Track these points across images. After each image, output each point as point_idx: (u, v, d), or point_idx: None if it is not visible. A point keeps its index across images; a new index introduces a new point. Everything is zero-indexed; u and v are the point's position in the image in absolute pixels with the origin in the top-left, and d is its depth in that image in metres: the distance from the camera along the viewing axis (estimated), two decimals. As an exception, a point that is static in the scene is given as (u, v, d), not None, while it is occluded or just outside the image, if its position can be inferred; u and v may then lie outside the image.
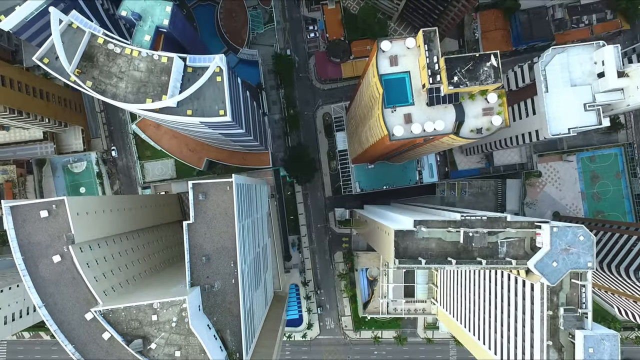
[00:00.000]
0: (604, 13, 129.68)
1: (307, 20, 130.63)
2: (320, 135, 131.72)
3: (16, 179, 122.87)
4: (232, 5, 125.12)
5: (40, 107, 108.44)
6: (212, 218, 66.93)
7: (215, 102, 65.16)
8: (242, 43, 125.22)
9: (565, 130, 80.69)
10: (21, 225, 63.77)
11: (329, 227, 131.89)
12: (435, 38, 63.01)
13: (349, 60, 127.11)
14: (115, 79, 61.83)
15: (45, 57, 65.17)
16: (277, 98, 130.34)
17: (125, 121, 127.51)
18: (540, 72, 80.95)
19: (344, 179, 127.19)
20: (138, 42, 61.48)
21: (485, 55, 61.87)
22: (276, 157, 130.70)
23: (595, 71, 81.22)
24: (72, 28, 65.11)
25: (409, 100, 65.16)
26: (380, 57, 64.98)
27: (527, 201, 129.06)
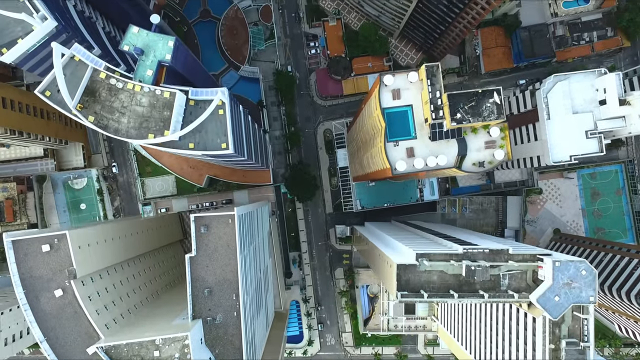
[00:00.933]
0: (605, 30, 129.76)
1: (308, 36, 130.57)
2: (321, 152, 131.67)
3: (16, 196, 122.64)
4: (233, 23, 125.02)
5: (41, 127, 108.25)
6: (214, 251, 66.86)
7: (217, 135, 65.05)
8: (243, 60, 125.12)
9: (567, 158, 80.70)
10: (23, 259, 63.68)
11: (330, 244, 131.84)
12: (437, 72, 62.96)
13: (350, 77, 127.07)
14: (118, 114, 61.70)
15: (47, 90, 65.00)
16: (278, 114, 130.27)
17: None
18: (542, 100, 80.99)
19: (345, 196, 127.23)
20: (140, 77, 61.31)
21: (488, 91, 61.84)
22: (277, 174, 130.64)
23: (596, 98, 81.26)
24: (74, 61, 64.94)
25: (411, 133, 65.13)
26: (383, 90, 64.92)
27: (527, 218, 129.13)
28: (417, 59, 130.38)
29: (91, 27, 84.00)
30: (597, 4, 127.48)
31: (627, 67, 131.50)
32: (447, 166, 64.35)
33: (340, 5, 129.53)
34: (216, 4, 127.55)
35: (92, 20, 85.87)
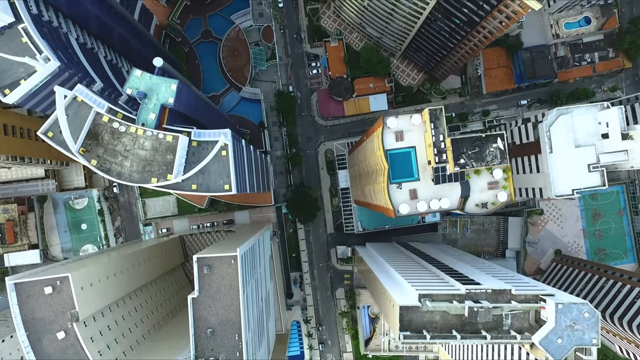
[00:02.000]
0: (606, 51, 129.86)
1: (309, 56, 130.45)
2: (322, 172, 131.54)
3: (17, 217, 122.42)
4: (234, 44, 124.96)
5: (42, 151, 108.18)
6: (217, 291, 66.79)
7: (220, 177, 64.96)
8: (244, 81, 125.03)
9: (569, 192, 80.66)
10: (25, 302, 63.57)
11: (331, 265, 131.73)
12: (441, 115, 62.90)
13: (351, 97, 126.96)
14: (120, 158, 61.62)
15: (50, 131, 65.05)
16: (279, 135, 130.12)
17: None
18: (544, 133, 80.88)
19: (346, 216, 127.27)
20: (143, 120, 61.21)
21: (492, 136, 61.78)
22: (278, 194, 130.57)
23: (599, 131, 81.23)
24: (76, 101, 64.94)
25: (414, 175, 65.09)
26: (386, 132, 64.85)
27: (529, 239, 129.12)
28: (418, 79, 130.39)
29: (93, 58, 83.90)
30: (598, 25, 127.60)
31: (628, 87, 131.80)
32: (450, 208, 64.29)
33: (342, 26, 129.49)
34: (217, 25, 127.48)
35: (94, 50, 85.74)
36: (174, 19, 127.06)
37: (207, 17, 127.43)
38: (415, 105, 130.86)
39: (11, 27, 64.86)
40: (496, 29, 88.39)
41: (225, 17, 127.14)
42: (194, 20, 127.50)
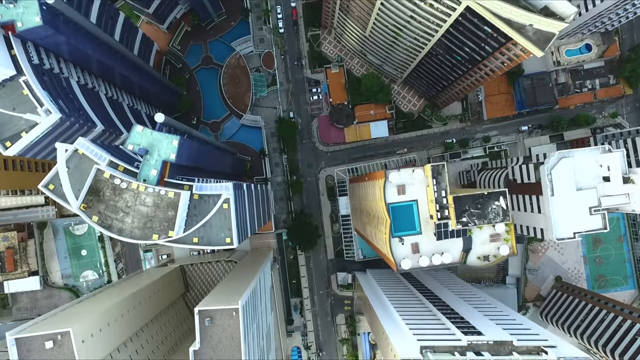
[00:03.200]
0: (607, 78, 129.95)
1: (310, 81, 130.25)
2: (323, 197, 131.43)
3: (17, 244, 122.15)
4: (235, 71, 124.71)
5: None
6: (218, 343, 66.65)
7: (221, 230, 64.85)
8: (245, 109, 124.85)
9: (571, 235, 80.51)
10: (25, 356, 63.36)
11: (332, 292, 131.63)
12: (443, 171, 62.77)
13: (352, 124, 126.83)
14: (122, 214, 61.46)
15: (51, 184, 64.86)
16: (280, 160, 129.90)
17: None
18: (546, 176, 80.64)
19: (346, 243, 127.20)
20: (145, 176, 61.03)
21: (494, 194, 61.68)
22: (278, 219, 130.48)
23: (600, 174, 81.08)
24: (77, 154, 64.81)
25: (416, 228, 65.01)
26: (388, 186, 64.74)
27: (529, 267, 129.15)
28: (419, 105, 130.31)
29: (94, 98, 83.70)
30: (599, 52, 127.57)
31: (629, 113, 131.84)
32: (452, 262, 64.27)
33: (343, 52, 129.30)
34: (218, 51, 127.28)
35: (94, 89, 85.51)
36: (175, 45, 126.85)
37: (207, 43, 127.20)
38: (416, 131, 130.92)
39: (12, 80, 64.61)
40: (498, 67, 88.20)
41: (225, 44, 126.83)
42: (194, 47, 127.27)
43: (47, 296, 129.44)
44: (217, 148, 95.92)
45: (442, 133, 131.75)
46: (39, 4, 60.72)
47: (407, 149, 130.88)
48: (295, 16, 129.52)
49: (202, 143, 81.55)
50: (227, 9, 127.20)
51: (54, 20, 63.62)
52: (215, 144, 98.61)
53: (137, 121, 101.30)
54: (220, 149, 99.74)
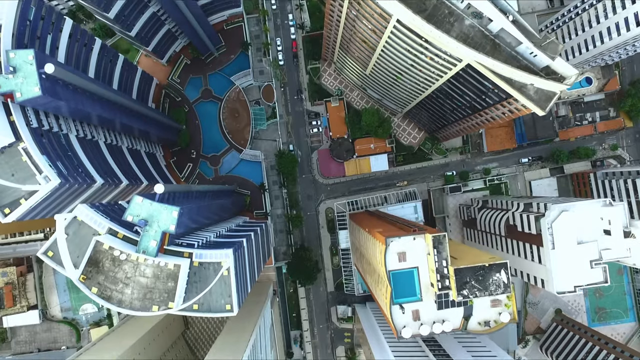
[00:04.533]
0: (607, 110, 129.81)
1: (310, 114, 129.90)
2: (323, 230, 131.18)
3: (16, 279, 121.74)
4: (234, 105, 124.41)
5: (42, 222, 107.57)
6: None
7: (221, 297, 64.61)
8: (244, 143, 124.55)
9: (571, 289, 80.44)
10: None
11: (332, 326, 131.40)
12: (444, 240, 62.51)
13: (352, 158, 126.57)
14: (121, 285, 61.18)
15: (50, 250, 64.61)
16: (280, 193, 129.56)
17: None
18: (546, 229, 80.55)
19: (346, 276, 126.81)
20: (144, 248, 60.67)
21: (495, 265, 61.47)
22: (278, 252, 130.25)
23: (601, 227, 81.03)
24: (77, 220, 64.56)
25: (416, 295, 64.77)
26: (389, 253, 64.51)
27: (529, 300, 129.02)
28: (419, 138, 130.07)
29: (93, 149, 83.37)
30: (599, 86, 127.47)
31: (629, 145, 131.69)
32: (453, 330, 64.08)
33: (343, 84, 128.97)
34: (218, 84, 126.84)
35: (94, 139, 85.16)
36: (174, 78, 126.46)
37: (207, 76, 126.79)
38: (416, 164, 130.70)
39: (11, 146, 64.26)
40: (499, 117, 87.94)
41: (225, 77, 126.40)
42: (194, 79, 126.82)
43: (46, 329, 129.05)
44: (217, 196, 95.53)
45: (442, 165, 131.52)
46: (38, 74, 60.32)
47: (407, 182, 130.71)
48: (295, 48, 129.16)
49: (202, 200, 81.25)
50: (227, 42, 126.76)
51: (53, 88, 63.26)
52: (215, 190, 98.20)
53: (137, 163, 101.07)
54: (220, 194, 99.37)
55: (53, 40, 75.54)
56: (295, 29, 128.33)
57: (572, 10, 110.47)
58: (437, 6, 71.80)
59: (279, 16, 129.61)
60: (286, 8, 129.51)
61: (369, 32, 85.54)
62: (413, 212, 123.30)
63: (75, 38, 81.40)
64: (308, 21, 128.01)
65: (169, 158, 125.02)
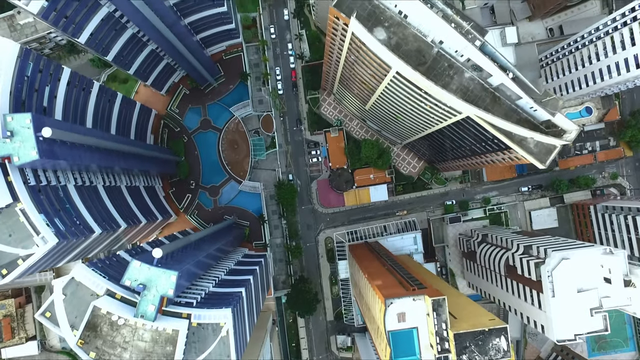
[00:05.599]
0: (607, 140, 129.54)
1: (309, 143, 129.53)
2: (323, 260, 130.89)
3: (14, 311, 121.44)
4: (234, 136, 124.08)
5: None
6: None
7: (219, 355, 64.30)
8: (244, 175, 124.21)
9: (572, 337, 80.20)
10: None
11: (331, 351, 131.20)
12: (444, 303, 62.21)
13: (351, 189, 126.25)
14: (120, 349, 60.86)
15: (48, 311, 64.31)
16: (279, 223, 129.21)
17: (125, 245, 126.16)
18: (546, 277, 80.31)
19: (345, 306, 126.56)
20: (142, 312, 60.36)
21: (496, 330, 61.22)
22: (277, 280, 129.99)
23: (601, 274, 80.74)
24: (74, 281, 64.33)
25: (416, 355, 64.51)
26: (389, 314, 64.22)
27: (529, 330, 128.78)
28: (419, 167, 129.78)
29: (91, 195, 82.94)
30: (599, 116, 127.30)
31: (629, 174, 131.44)
32: (453, 391, 63.81)
33: (342, 113, 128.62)
34: (217, 114, 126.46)
35: (92, 184, 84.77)
36: (173, 108, 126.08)
37: (206, 106, 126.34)
38: (416, 193, 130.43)
39: (8, 207, 63.92)
40: (500, 161, 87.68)
41: (224, 107, 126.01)
42: (193, 110, 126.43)
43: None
44: (217, 238, 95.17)
45: (442, 194, 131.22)
46: (35, 138, 59.97)
47: (406, 211, 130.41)
48: (295, 78, 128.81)
49: (201, 249, 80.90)
50: (226, 72, 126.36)
51: (51, 150, 62.91)
52: (215, 231, 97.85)
53: (135, 200, 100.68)
54: (220, 234, 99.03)
55: (51, 90, 75.18)
56: (294, 59, 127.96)
57: (571, 44, 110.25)
58: (436, 59, 71.50)
59: (278, 45, 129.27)
60: (285, 37, 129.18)
61: (368, 76, 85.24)
62: (413, 243, 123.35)
63: (74, 84, 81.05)
64: (307, 51, 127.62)
65: (168, 189, 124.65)
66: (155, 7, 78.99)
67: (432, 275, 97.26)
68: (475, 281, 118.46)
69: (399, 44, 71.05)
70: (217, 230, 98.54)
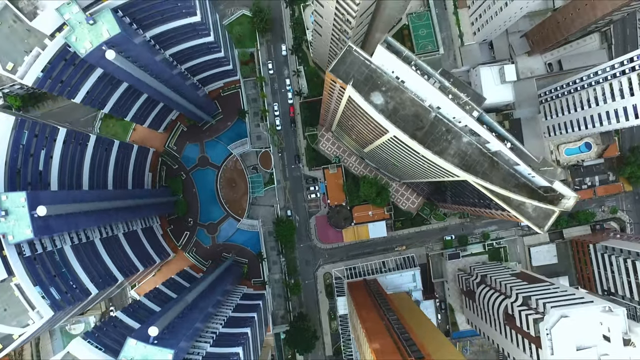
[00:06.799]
0: (607, 175, 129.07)
1: (307, 179, 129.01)
2: (321, 295, 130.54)
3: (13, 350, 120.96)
4: (232, 175, 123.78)
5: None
6: None
7: None
8: (242, 213, 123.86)
9: (571, 396, 79.85)
10: None
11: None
12: (441, 379, 61.76)
13: (350, 226, 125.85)
14: None
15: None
16: (278, 259, 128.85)
17: (124, 287, 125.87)
18: (545, 335, 79.95)
19: (345, 342, 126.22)
20: (139, 391, 60.26)
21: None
22: (276, 315, 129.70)
23: (601, 331, 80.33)
24: (70, 355, 64.02)
25: None
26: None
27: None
28: (418, 203, 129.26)
29: (88, 251, 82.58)
30: (599, 151, 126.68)
31: (628, 209, 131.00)
32: None
33: (341, 149, 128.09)
34: (215, 151, 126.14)
35: (89, 240, 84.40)
36: (171, 145, 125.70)
37: (204, 143, 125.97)
38: (415, 228, 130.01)
39: (4, 282, 63.60)
40: (500, 215, 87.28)
41: (222, 144, 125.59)
42: (190, 146, 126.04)
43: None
44: (215, 287, 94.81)
45: (440, 229, 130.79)
46: (30, 216, 59.59)
47: (405, 246, 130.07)
48: (293, 113, 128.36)
49: (200, 309, 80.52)
50: (224, 109, 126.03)
51: (46, 226, 62.54)
52: (214, 281, 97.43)
53: (133, 247, 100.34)
54: (219, 283, 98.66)
55: (47, 152, 74.94)
56: (292, 95, 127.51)
57: (570, 85, 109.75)
58: (434, 123, 71.08)
59: (276, 81, 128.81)
60: (283, 73, 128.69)
61: (366, 131, 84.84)
62: (412, 281, 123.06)
63: (70, 142, 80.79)
64: (305, 87, 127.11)
65: (166, 227, 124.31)
66: (150, 69, 78.58)
67: (432, 327, 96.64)
68: (474, 320, 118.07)
69: (396, 109, 70.62)
70: (215, 278, 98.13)
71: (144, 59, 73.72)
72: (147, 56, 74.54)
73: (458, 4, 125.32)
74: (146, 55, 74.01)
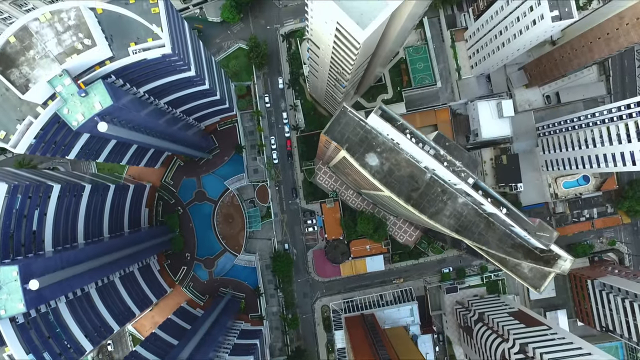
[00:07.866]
0: (605, 207, 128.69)
1: (305, 212, 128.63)
2: (319, 328, 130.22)
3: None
4: (229, 210, 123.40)
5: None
6: None
7: None
8: (239, 249, 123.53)
9: None
10: None
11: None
12: None
13: (348, 260, 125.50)
14: None
15: None
16: (275, 293, 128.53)
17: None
18: (542, 389, 79.81)
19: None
20: None
21: None
22: (274, 348, 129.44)
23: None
24: None
25: None
26: None
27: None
28: (415, 236, 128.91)
29: (83, 304, 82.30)
30: (597, 184, 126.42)
31: (627, 240, 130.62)
32: None
33: (338, 182, 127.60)
34: (211, 185, 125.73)
35: (84, 292, 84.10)
36: (167, 180, 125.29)
37: (200, 178, 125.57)
38: (412, 261, 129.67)
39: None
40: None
41: (219, 178, 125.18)
42: (187, 181, 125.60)
43: None
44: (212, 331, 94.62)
45: (438, 261, 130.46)
46: (22, 290, 59.27)
47: (402, 279, 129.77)
48: (290, 146, 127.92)
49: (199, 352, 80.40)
50: (221, 143, 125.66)
51: (39, 297, 62.22)
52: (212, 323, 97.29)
53: (129, 290, 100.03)
54: (216, 324, 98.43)
55: (41, 211, 74.58)
56: (289, 129, 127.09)
57: (568, 122, 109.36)
58: (429, 184, 70.71)
59: (272, 114, 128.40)
60: (280, 106, 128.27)
61: (363, 182, 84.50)
62: (409, 315, 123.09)
63: (64, 196, 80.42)
64: (302, 121, 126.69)
65: (163, 262, 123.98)
66: (142, 126, 78.20)
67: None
68: (472, 356, 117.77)
69: (391, 170, 70.25)
70: (214, 320, 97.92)
71: (136, 119, 73.30)
72: (140, 115, 74.14)
73: (455, 37, 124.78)
74: (139, 114, 73.59)
